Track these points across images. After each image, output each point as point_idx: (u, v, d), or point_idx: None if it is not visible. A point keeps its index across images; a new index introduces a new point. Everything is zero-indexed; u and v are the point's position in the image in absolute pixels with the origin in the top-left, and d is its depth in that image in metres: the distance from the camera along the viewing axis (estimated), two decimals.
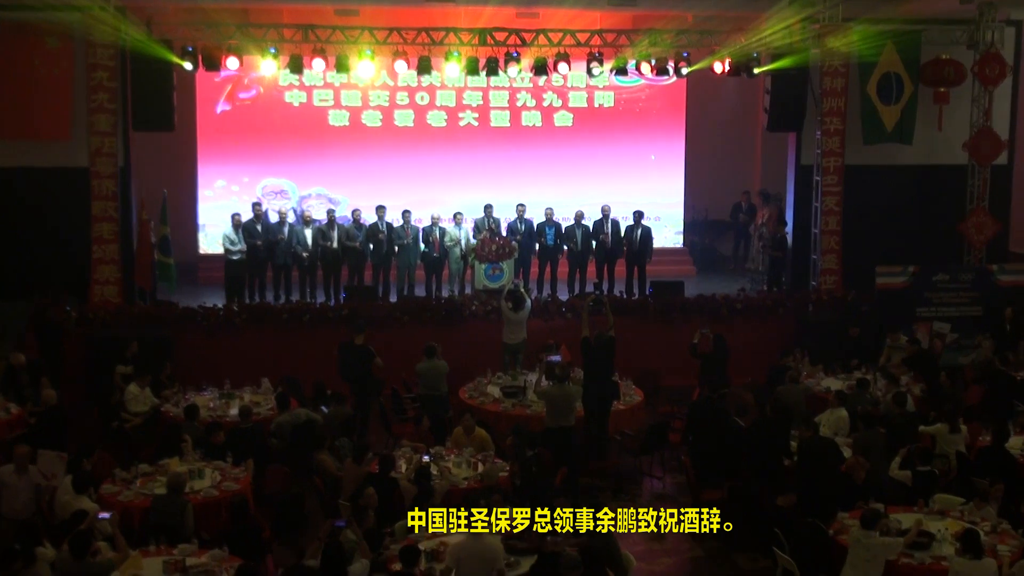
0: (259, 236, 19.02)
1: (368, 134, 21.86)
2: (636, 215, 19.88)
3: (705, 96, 22.83)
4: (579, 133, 22.39)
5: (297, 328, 17.94)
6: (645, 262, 19.83)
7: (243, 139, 21.62)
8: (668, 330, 18.47)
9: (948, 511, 11.26)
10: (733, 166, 23.92)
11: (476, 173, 22.10)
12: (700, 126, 23.00)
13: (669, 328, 18.49)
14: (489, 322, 17.93)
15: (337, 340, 16.15)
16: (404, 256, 19.46)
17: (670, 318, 18.68)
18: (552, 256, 19.89)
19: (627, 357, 15.92)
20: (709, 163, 23.21)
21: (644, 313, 18.75)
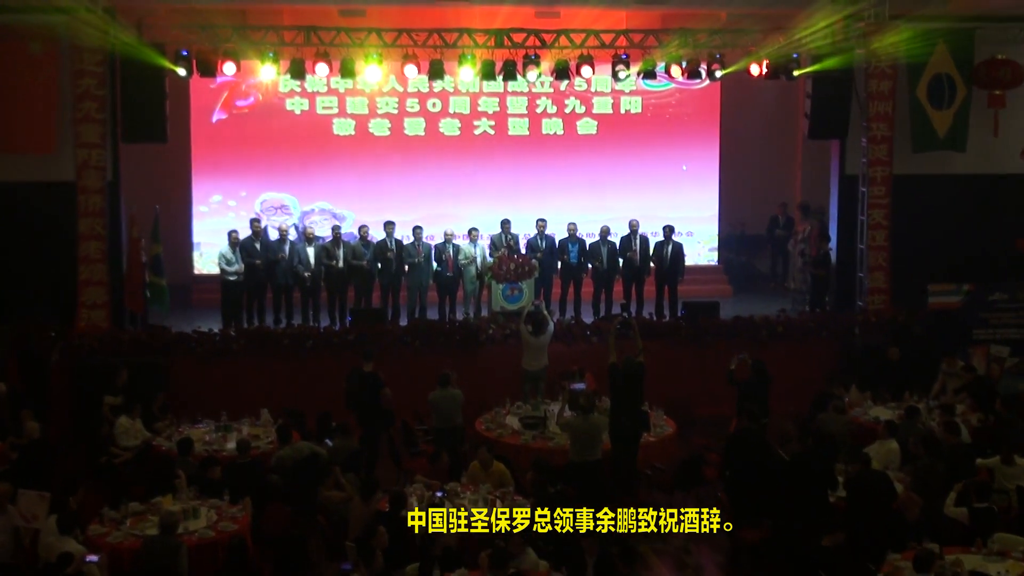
0: (258, 255, 19.06)
1: (376, 144, 21.94)
2: (666, 230, 19.86)
3: (740, 101, 22.82)
4: (604, 142, 22.43)
5: (299, 355, 17.94)
6: (676, 281, 19.82)
7: (241, 150, 21.73)
8: (702, 355, 18.41)
9: (1009, 552, 11.15)
10: (771, 177, 23.89)
11: (492, 185, 22.16)
12: (735, 133, 22.99)
13: (703, 353, 18.43)
14: (507, 347, 17.90)
15: (342, 367, 16.18)
16: (415, 276, 19.47)
17: (704, 342, 18.63)
18: (576, 275, 19.89)
19: (657, 385, 15.90)
20: (745, 173, 23.18)
21: (676, 337, 18.71)
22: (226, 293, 19.03)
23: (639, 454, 14.31)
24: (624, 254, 19.71)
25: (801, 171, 23.99)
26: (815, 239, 20.70)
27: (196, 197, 21.75)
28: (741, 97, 22.72)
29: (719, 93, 22.45)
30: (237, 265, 18.86)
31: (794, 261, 22.08)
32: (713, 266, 23.03)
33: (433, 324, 18.81)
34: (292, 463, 13.38)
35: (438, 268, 19.51)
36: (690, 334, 18.72)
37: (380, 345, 17.36)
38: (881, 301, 19.76)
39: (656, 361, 16.19)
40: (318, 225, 21.23)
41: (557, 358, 17.10)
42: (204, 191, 21.77)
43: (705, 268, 22.71)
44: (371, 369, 15.40)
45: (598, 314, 19.63)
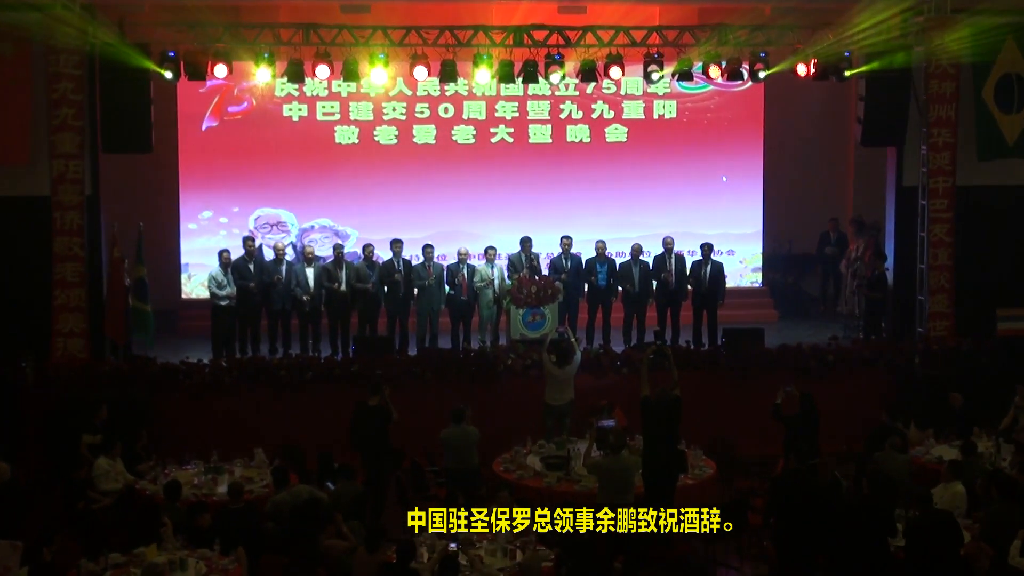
0: (252, 277, 19.12)
1: (382, 154, 22.02)
2: (705, 248, 19.86)
3: (786, 104, 22.82)
4: (635, 150, 22.47)
5: (298, 388, 17.95)
6: (716, 305, 19.81)
7: (233, 161, 21.83)
8: (744, 388, 18.37)
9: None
10: (821, 189, 23.88)
11: (511, 200, 22.23)
12: (781, 140, 23.00)
13: (746, 385, 18.39)
14: (528, 379, 17.91)
15: (345, 401, 16.19)
16: (425, 300, 19.51)
17: (747, 373, 18.58)
18: (604, 299, 19.91)
19: (696, 421, 15.86)
20: (792, 185, 23.18)
21: (715, 367, 18.68)
22: (217, 320, 19.10)
23: (675, 498, 14.25)
24: (658, 275, 19.70)
25: (854, 182, 23.97)
26: (870, 258, 20.66)
27: (184, 213, 21.85)
28: (787, 100, 22.73)
29: (762, 96, 22.47)
30: (229, 289, 18.92)
31: (846, 283, 22.04)
32: (757, 288, 23.02)
33: (445, 354, 18.82)
34: (290, 509, 13.34)
35: (451, 292, 19.54)
36: (731, 364, 18.67)
37: (387, 377, 17.34)
38: (944, 327, 19.71)
39: (694, 394, 16.16)
40: (318, 244, 21.31)
41: (584, 391, 17.07)
42: (193, 207, 21.87)
43: (748, 291, 22.70)
44: (377, 403, 15.41)
45: (629, 342, 19.65)
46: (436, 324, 19.64)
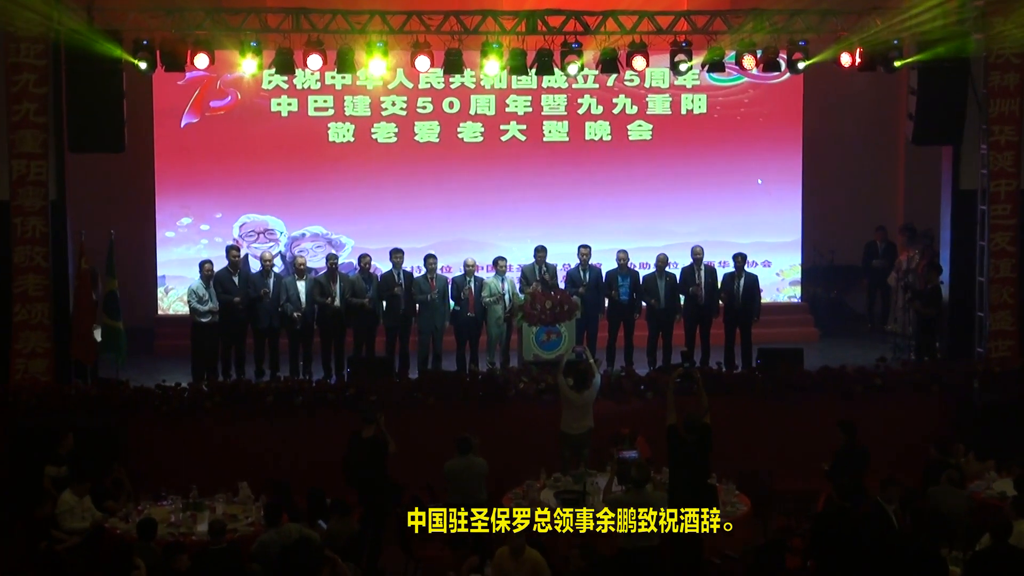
0: (236, 291, 19.14)
1: (380, 154, 22.08)
2: (738, 259, 19.88)
3: (828, 98, 22.83)
4: (661, 150, 22.51)
5: (287, 415, 17.93)
6: (751, 322, 19.85)
7: (216, 162, 21.90)
8: (782, 415, 18.36)
9: None
10: (868, 193, 23.89)
11: (524, 204, 22.29)
12: (822, 139, 23.01)
13: (783, 412, 18.37)
14: (542, 405, 17.89)
15: (340, 429, 16.14)
16: (428, 317, 19.53)
17: (785, 398, 18.55)
18: (627, 316, 19.92)
19: (728, 452, 15.85)
20: (835, 189, 23.19)
21: (750, 391, 18.65)
22: (197, 338, 19.12)
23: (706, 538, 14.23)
24: (686, 289, 19.72)
25: (904, 185, 24.00)
26: (922, 270, 20.63)
27: (161, 220, 21.90)
28: (829, 94, 22.74)
29: (801, 89, 22.49)
30: (211, 304, 18.93)
31: (896, 297, 22.01)
32: (795, 304, 23.04)
33: (450, 377, 18.80)
34: (278, 549, 13.34)
35: (456, 307, 19.57)
36: (767, 388, 18.64)
37: (385, 403, 17.34)
38: (1007, 347, 19.72)
39: (726, 422, 16.15)
40: (310, 254, 21.36)
41: (604, 419, 17.06)
42: (170, 213, 21.92)
43: (786, 306, 22.73)
44: (372, 435, 15.38)
45: (654, 364, 19.67)
46: (440, 343, 19.67)
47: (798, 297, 23.13)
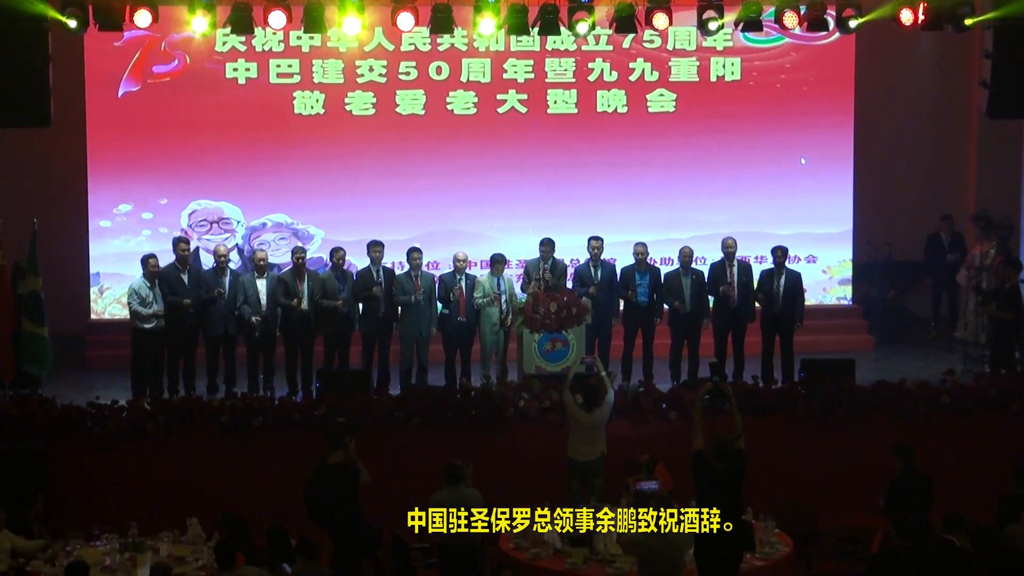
0: (185, 292, 19.14)
1: (355, 129, 22.14)
2: (777, 254, 19.89)
3: (886, 63, 22.91)
4: (686, 124, 22.58)
5: (245, 438, 17.91)
6: (792, 328, 19.85)
7: (160, 139, 21.91)
8: (830, 438, 18.35)
9: None
10: (932, 175, 23.96)
11: (524, 189, 22.37)
12: (878, 111, 23.07)
13: (832, 435, 18.36)
14: (546, 427, 17.94)
15: (307, 456, 16.08)
16: (411, 322, 19.54)
17: (833, 419, 18.54)
18: (646, 320, 19.93)
19: (766, 483, 15.95)
20: (893, 170, 23.25)
21: (791, 410, 18.63)
22: (139, 348, 19.11)
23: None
24: (716, 289, 19.76)
25: (977, 167, 24.04)
26: (998, 266, 20.64)
27: (94, 207, 21.94)
28: (886, 58, 22.82)
29: (853, 52, 22.54)
30: (155, 306, 18.92)
31: (966, 299, 22.03)
32: (846, 306, 23.11)
33: (438, 393, 18.78)
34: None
35: (445, 311, 19.59)
36: (813, 407, 18.60)
37: (360, 423, 17.35)
38: None
39: (763, 447, 16.23)
40: (272, 248, 21.46)
41: (619, 442, 17.08)
42: (106, 198, 21.96)
43: (834, 309, 22.81)
44: (339, 460, 15.34)
45: (678, 377, 19.72)
46: (425, 353, 19.67)
47: (849, 299, 23.20)
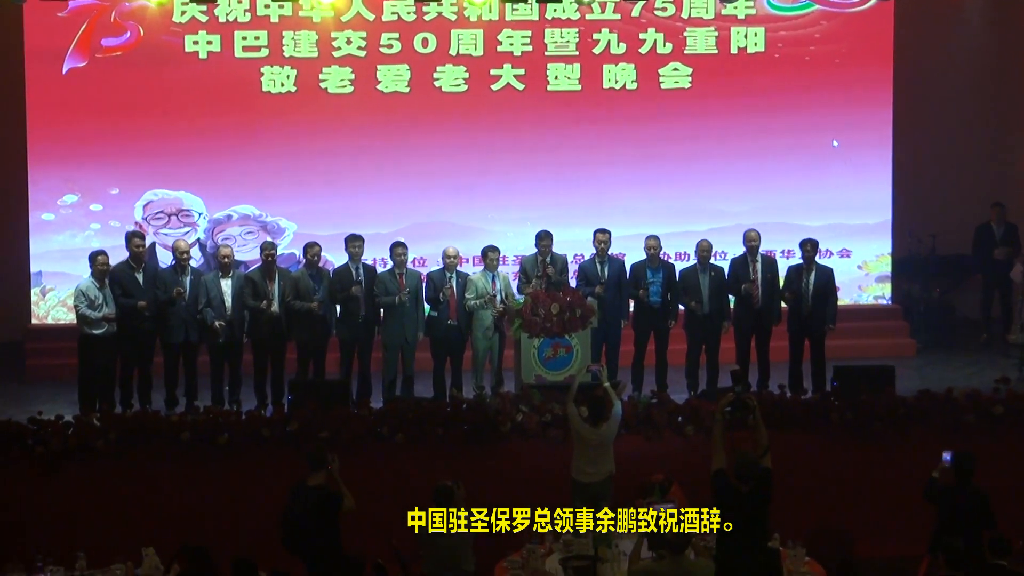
0: (140, 293, 19.11)
1: (331, 109, 22.19)
2: (806, 248, 19.89)
3: (930, 32, 22.97)
4: (703, 102, 22.64)
5: (207, 457, 17.86)
6: (823, 332, 19.86)
7: (110, 121, 21.92)
8: (867, 454, 18.31)
9: None
10: (982, 158, 23.99)
11: (521, 176, 22.39)
12: (920, 86, 23.10)
13: (869, 451, 18.33)
14: (547, 444, 17.92)
15: (278, 477, 16.15)
16: (395, 326, 19.55)
17: (870, 433, 18.52)
18: (659, 323, 19.96)
19: (795, 505, 15.98)
20: (938, 153, 23.28)
21: (823, 424, 18.60)
22: (87, 356, 19.07)
23: None
24: (738, 287, 19.76)
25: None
26: None
27: (35, 198, 21.94)
28: (930, 25, 22.87)
29: (892, 18, 22.56)
30: (106, 309, 18.91)
31: (1022, 297, 22.04)
32: (884, 307, 23.17)
33: (425, 406, 18.70)
34: None
35: (433, 313, 19.60)
36: (847, 420, 18.56)
37: (338, 441, 17.36)
38: None
39: (791, 465, 16.27)
40: (239, 243, 21.47)
41: (629, 461, 17.03)
42: (49, 188, 21.96)
43: (871, 310, 22.88)
44: (320, 483, 15.36)
45: (695, 387, 19.72)
46: (412, 361, 19.70)
47: (887, 298, 23.25)
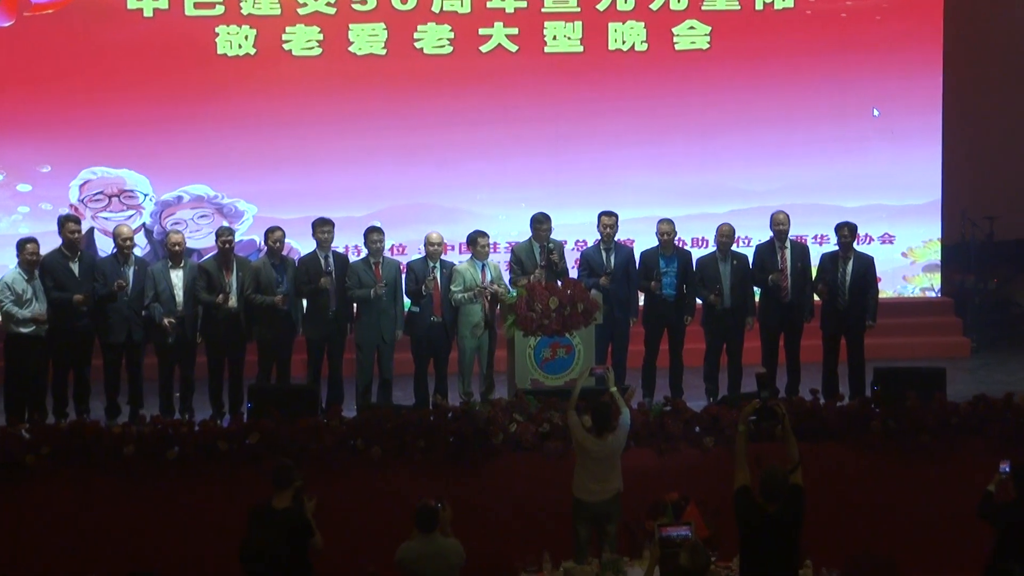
0: (75, 286, 19.11)
1: (296, 74, 22.29)
2: (843, 233, 19.88)
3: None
4: (723, 65, 22.79)
5: (155, 475, 17.81)
6: (862, 329, 19.90)
7: (41, 88, 22.00)
8: (912, 468, 18.29)
9: None
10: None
11: (514, 152, 22.47)
12: (974, 47, 23.16)
13: (915, 465, 18.31)
14: (544, 458, 17.85)
15: (236, 497, 16.17)
16: (370, 323, 19.57)
17: (917, 444, 18.50)
18: (672, 320, 19.98)
19: (830, 526, 16.03)
20: (993, 124, 23.26)
21: (862, 435, 18.53)
22: (13, 359, 19.14)
23: None
24: (764, 278, 19.78)
25: None
26: None
27: None
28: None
29: None
30: (36, 305, 18.92)
31: None
32: (933, 300, 23.28)
33: (405, 415, 18.64)
34: None
35: (414, 308, 19.59)
36: (890, 429, 18.52)
37: (307, 456, 17.34)
38: None
39: (826, 481, 16.32)
40: (191, 228, 21.46)
41: (639, 478, 17.00)
42: None
43: (917, 304, 23.00)
44: (286, 506, 15.34)
45: (715, 393, 19.79)
46: (390, 363, 19.72)
47: (936, 290, 23.30)
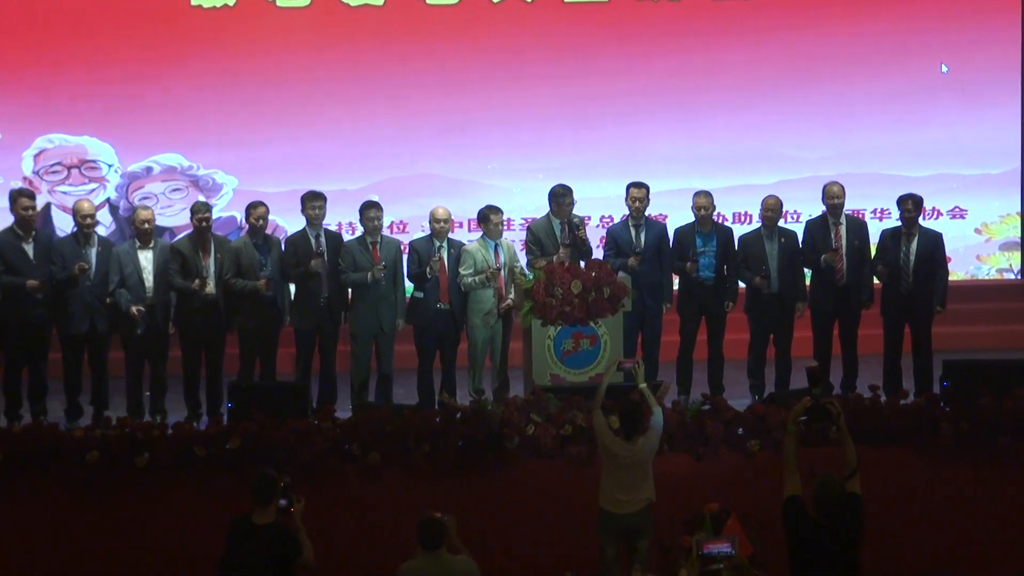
0: (29, 269, 19.09)
1: (281, 27, 22.38)
2: (906, 206, 19.80)
3: None
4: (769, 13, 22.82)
5: (124, 483, 17.88)
6: (929, 316, 19.84)
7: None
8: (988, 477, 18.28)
9: None
10: None
11: (530, 116, 22.50)
12: None
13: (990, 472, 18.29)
14: (566, 464, 17.90)
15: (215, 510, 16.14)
16: (368, 311, 19.54)
17: (993, 447, 18.48)
18: (711, 307, 19.94)
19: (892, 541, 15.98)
20: None
21: (930, 438, 18.53)
22: None
23: None
24: (815, 258, 19.71)
25: None
26: None
27: None
28: None
29: None
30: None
31: None
32: (1011, 283, 23.33)
33: (407, 416, 18.66)
34: None
35: (418, 294, 19.58)
36: (961, 430, 18.51)
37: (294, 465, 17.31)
38: None
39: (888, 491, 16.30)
40: (162, 204, 21.42)
41: (674, 486, 17.03)
42: None
43: (993, 287, 23.09)
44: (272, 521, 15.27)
45: (760, 390, 19.77)
46: (389, 357, 19.74)
47: (1015, 271, 23.32)
